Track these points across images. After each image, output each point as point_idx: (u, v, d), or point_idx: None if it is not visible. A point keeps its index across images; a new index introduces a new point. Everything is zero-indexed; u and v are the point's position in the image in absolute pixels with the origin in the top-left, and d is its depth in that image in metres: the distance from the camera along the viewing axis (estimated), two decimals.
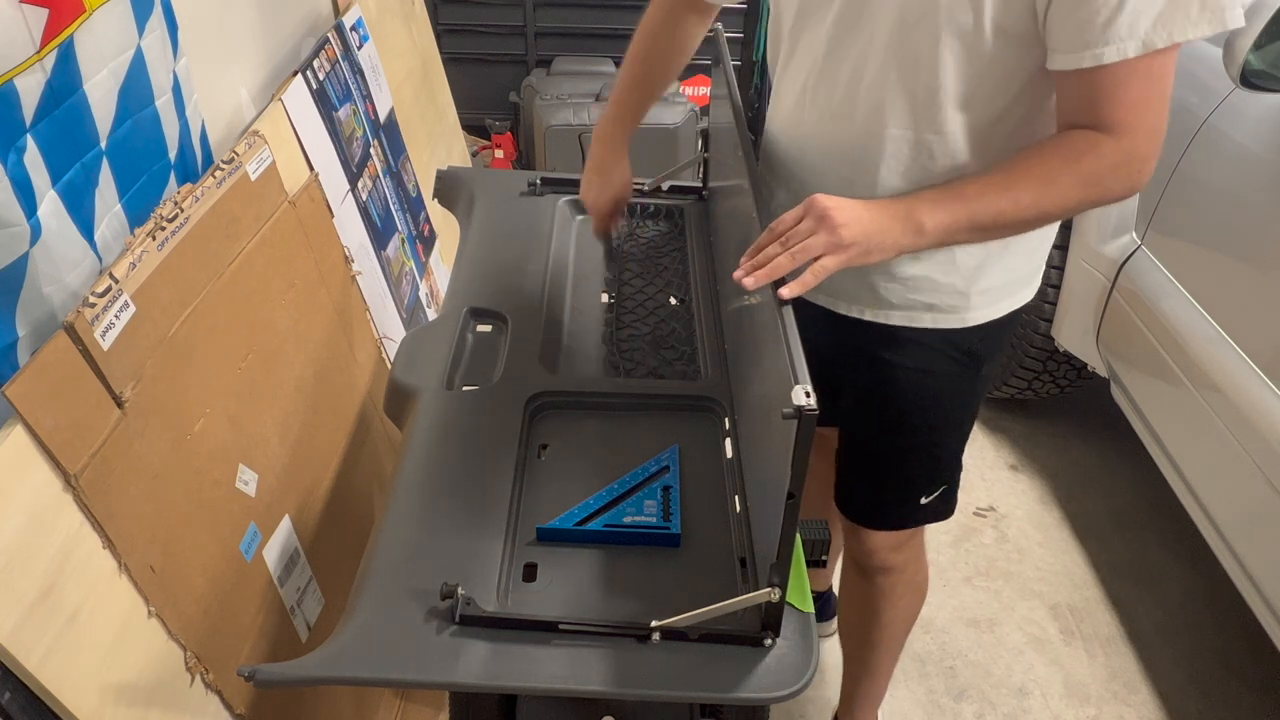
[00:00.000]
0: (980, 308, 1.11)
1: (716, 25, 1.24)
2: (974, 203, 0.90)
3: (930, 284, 1.08)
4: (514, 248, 1.24)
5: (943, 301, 1.09)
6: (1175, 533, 2.11)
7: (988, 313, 1.12)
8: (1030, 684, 1.82)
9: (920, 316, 1.11)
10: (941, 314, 1.10)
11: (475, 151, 3.08)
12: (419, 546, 0.84)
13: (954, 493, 1.29)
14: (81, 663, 0.82)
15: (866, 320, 1.12)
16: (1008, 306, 1.14)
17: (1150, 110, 0.87)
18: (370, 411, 1.51)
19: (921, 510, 1.27)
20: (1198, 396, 1.75)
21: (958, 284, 1.08)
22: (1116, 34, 0.83)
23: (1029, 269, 1.14)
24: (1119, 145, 0.87)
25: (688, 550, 0.87)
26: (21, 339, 0.84)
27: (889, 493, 1.27)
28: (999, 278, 1.09)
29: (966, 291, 1.09)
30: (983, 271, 1.08)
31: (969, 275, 1.08)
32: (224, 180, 1.12)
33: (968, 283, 1.08)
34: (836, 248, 0.86)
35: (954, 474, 1.27)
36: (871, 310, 1.12)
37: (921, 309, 1.10)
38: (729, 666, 0.76)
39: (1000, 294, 1.12)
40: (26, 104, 0.81)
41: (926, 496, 1.26)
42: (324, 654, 0.74)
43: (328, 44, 1.56)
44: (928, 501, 1.26)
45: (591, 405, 1.03)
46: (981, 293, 1.10)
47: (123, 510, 0.89)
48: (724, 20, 3.13)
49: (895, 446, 1.23)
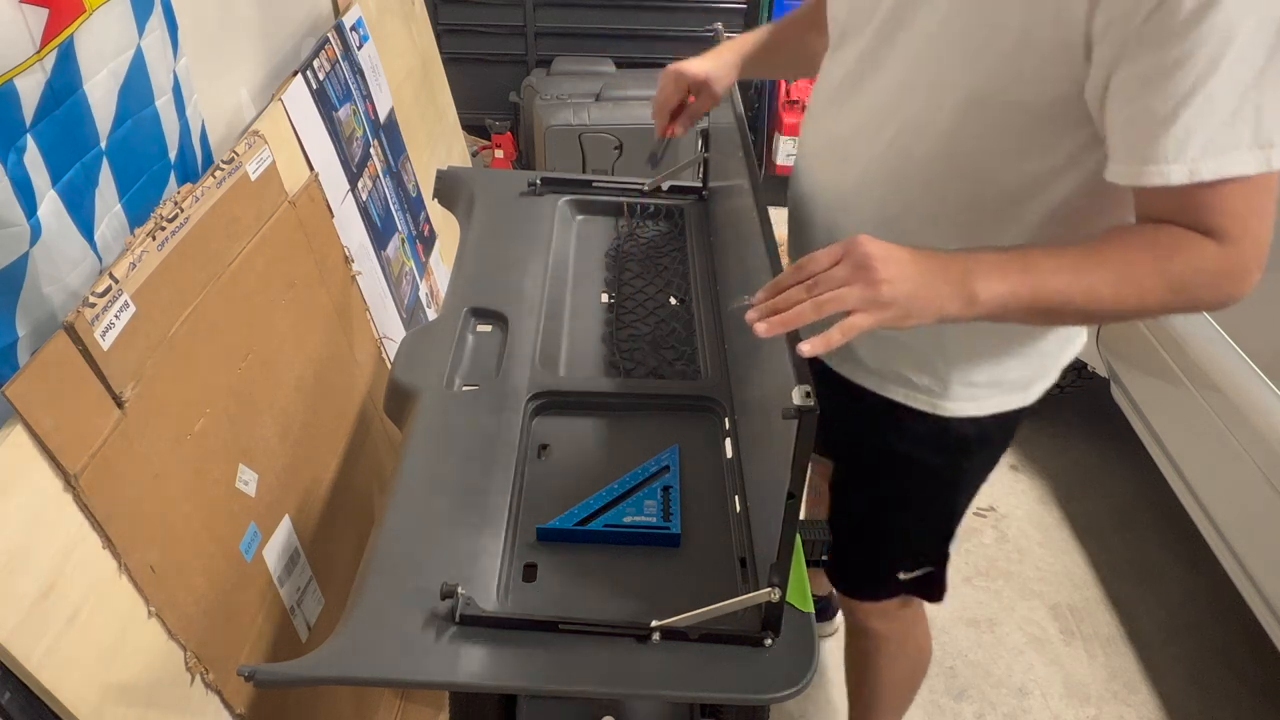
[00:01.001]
0: (961, 400, 1.01)
1: (716, 25, 1.24)
2: (1043, 278, 0.77)
3: (909, 355, 0.99)
4: (514, 248, 1.24)
5: (919, 380, 1.00)
6: (1175, 533, 2.11)
7: (969, 407, 1.01)
8: (1030, 684, 1.82)
9: (891, 388, 1.02)
10: (916, 393, 1.02)
11: (475, 151, 3.08)
12: (419, 546, 0.84)
13: (941, 577, 1.20)
14: (81, 663, 0.82)
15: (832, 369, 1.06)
16: (995, 407, 1.02)
17: (1259, 219, 0.75)
18: (370, 411, 1.51)
19: (900, 585, 1.20)
20: (1198, 396, 1.75)
21: (938, 366, 0.98)
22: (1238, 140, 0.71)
23: (1029, 373, 1.02)
24: (1222, 253, 0.75)
25: (688, 550, 0.87)
26: (21, 339, 0.84)
27: (860, 559, 1.21)
28: (988, 374, 0.99)
29: (945, 378, 0.99)
30: (971, 362, 0.98)
31: (952, 360, 0.98)
32: (224, 180, 1.12)
33: (948, 367, 0.98)
34: (872, 305, 0.73)
35: (937, 557, 1.18)
36: (837, 361, 1.05)
37: (894, 380, 1.02)
38: (729, 666, 0.76)
39: (988, 390, 1.01)
40: (26, 104, 0.81)
41: (905, 573, 1.19)
42: (324, 654, 0.74)
43: (328, 44, 1.56)
44: (908, 578, 1.19)
45: (591, 405, 1.03)
46: (965, 384, 0.99)
47: (123, 510, 0.89)
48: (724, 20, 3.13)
49: (864, 513, 1.17)
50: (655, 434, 0.99)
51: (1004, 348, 0.98)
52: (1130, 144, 0.74)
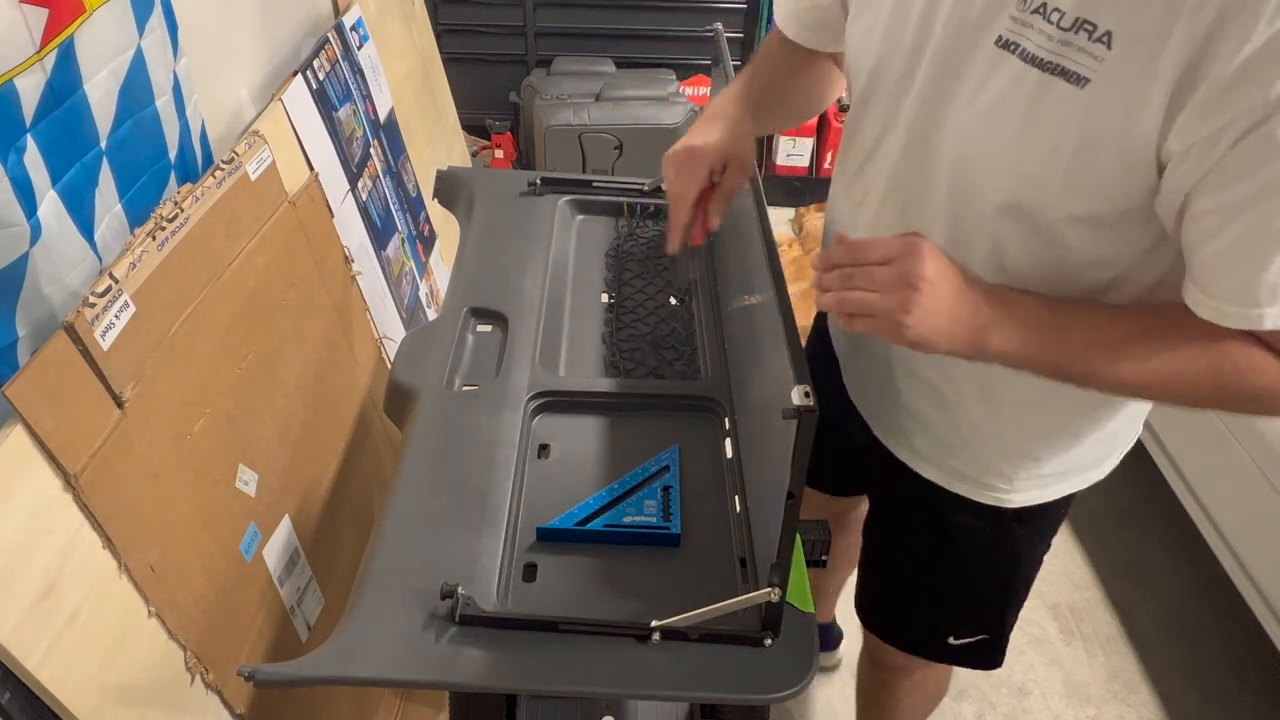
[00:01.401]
0: (1027, 490, 0.96)
1: (716, 25, 1.24)
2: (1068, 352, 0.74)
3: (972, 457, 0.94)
4: (514, 248, 1.24)
5: (983, 479, 0.96)
6: (1175, 533, 2.11)
7: (1035, 496, 0.97)
8: (1030, 684, 1.82)
9: (953, 482, 0.98)
10: (980, 489, 0.97)
11: (475, 151, 3.08)
12: (419, 546, 0.84)
13: (999, 645, 1.12)
14: (81, 663, 0.82)
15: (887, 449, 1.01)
16: (1063, 491, 0.98)
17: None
18: (370, 411, 1.51)
19: (951, 651, 1.13)
20: None
21: (1003, 468, 0.94)
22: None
23: (1099, 453, 0.96)
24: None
25: (688, 550, 0.87)
26: (21, 339, 0.84)
27: (912, 620, 1.16)
28: (1055, 465, 0.94)
29: (1011, 476, 0.95)
30: (1036, 460, 0.93)
31: (1016, 462, 0.93)
32: (224, 180, 1.12)
33: (1014, 468, 0.94)
34: (895, 329, 0.72)
35: (997, 625, 1.11)
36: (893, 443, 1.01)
37: (956, 476, 0.97)
38: (729, 666, 0.76)
39: (1056, 479, 0.96)
40: (26, 104, 0.81)
41: (958, 639, 1.12)
42: (324, 654, 0.74)
43: (328, 44, 1.56)
44: (960, 644, 1.12)
45: (591, 405, 1.03)
46: (1033, 477, 0.95)
47: (123, 510, 0.89)
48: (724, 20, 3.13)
49: (906, 571, 1.12)
50: (655, 434, 0.99)
51: (1070, 441, 0.92)
52: (1214, 279, 0.68)
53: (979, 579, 1.08)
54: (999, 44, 0.73)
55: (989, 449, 0.94)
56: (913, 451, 1.01)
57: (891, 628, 1.20)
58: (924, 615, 1.15)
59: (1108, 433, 0.93)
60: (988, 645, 1.13)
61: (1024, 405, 0.90)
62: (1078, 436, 0.92)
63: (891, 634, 1.20)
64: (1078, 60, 0.68)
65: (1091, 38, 0.67)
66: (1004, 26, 0.72)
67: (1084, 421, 0.91)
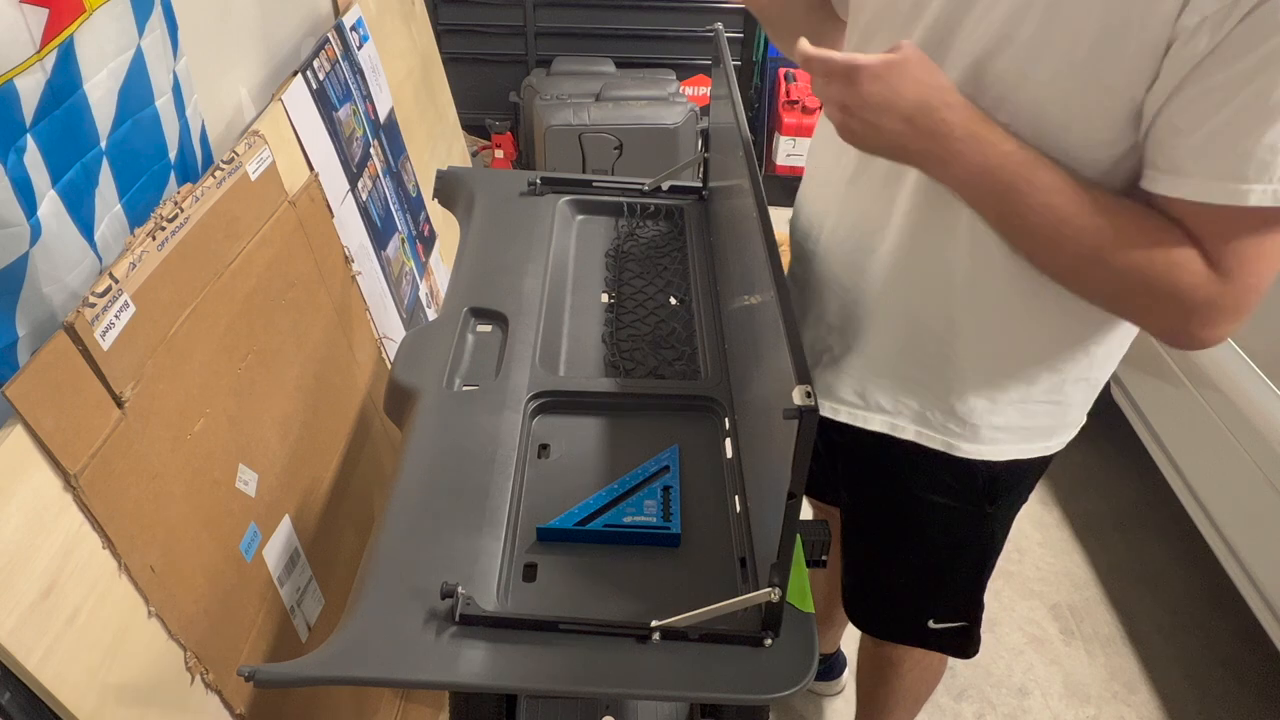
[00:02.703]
0: (979, 442, 0.99)
1: (716, 25, 1.24)
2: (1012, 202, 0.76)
3: (925, 392, 0.98)
4: (514, 248, 1.24)
5: (934, 416, 0.98)
6: (1175, 533, 2.11)
7: (987, 451, 0.99)
8: (1030, 684, 1.82)
9: (905, 426, 1.01)
10: (931, 431, 1.00)
11: (475, 151, 3.08)
12: (419, 546, 0.84)
13: (974, 631, 1.18)
14: (81, 663, 0.82)
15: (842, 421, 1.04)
16: (1016, 453, 1.00)
17: (1266, 266, 0.72)
18: (370, 411, 1.51)
19: (932, 635, 1.17)
20: (1198, 396, 1.75)
21: (954, 404, 0.97)
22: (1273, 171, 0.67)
23: (1052, 421, 0.99)
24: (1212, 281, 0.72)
25: (688, 550, 0.87)
26: (21, 339, 0.84)
27: (893, 607, 1.19)
28: (1006, 417, 0.97)
29: (963, 417, 0.97)
30: (991, 404, 0.96)
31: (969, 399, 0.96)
32: (224, 180, 1.12)
33: (966, 407, 0.96)
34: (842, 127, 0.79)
35: (971, 610, 1.16)
36: (849, 411, 1.03)
37: (909, 418, 1.00)
38: (729, 666, 0.76)
39: (1007, 435, 0.98)
40: (26, 104, 0.81)
41: (937, 622, 1.16)
42: (324, 654, 0.74)
43: (328, 44, 1.56)
44: (939, 628, 1.16)
45: (591, 405, 1.03)
46: (986, 427, 0.97)
47: (123, 510, 0.89)
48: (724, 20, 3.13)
49: (895, 560, 1.14)
50: (655, 434, 0.99)
51: (1024, 388, 0.95)
52: (1200, 158, 0.69)
53: (951, 560, 1.11)
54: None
55: (944, 377, 0.96)
56: (869, 409, 1.02)
57: (873, 618, 1.23)
58: (901, 600, 1.18)
59: (1061, 395, 0.96)
60: (966, 632, 1.18)
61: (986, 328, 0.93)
62: (1031, 383, 0.94)
63: (874, 624, 1.24)
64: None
65: None
66: None
67: (1040, 367, 0.94)
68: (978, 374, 0.95)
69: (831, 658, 1.79)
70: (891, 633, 1.23)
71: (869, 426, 1.03)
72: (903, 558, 1.14)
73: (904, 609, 1.19)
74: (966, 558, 1.12)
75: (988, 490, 1.03)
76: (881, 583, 1.19)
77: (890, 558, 1.15)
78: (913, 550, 1.12)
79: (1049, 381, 0.95)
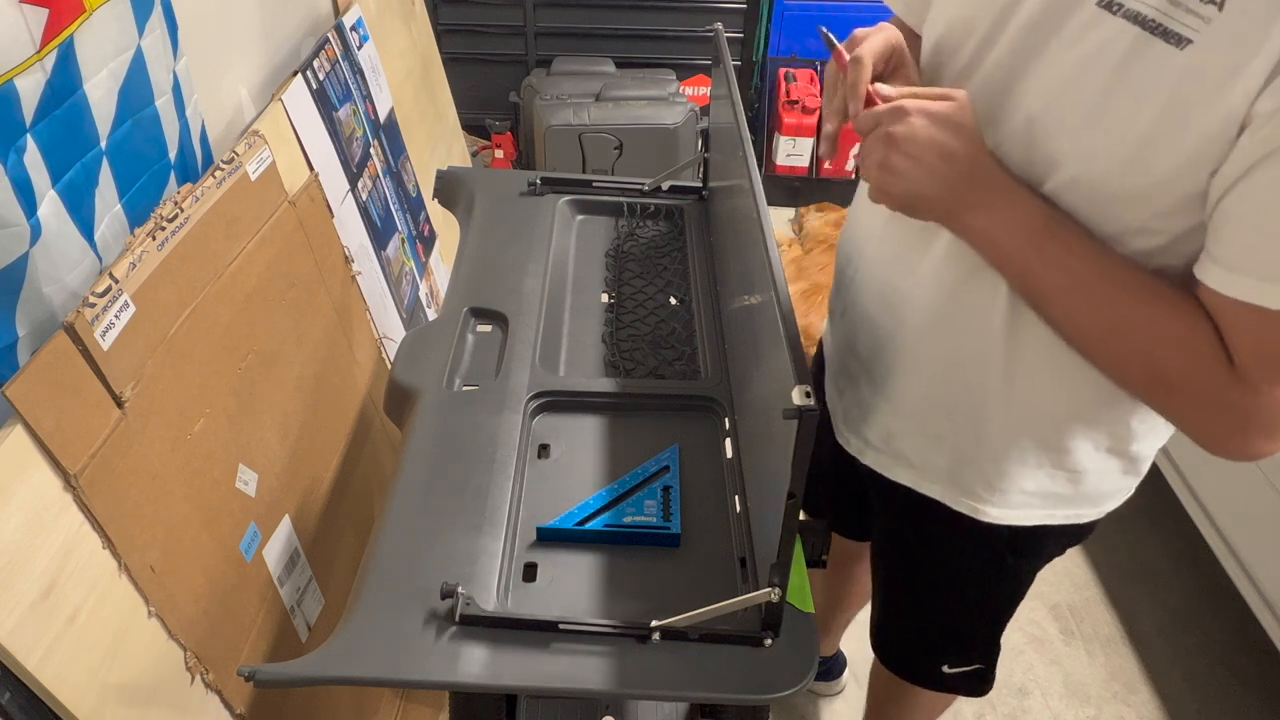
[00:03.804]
0: (1005, 507, 0.94)
1: (716, 25, 1.24)
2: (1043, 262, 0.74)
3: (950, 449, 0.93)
4: (514, 248, 1.24)
5: (960, 475, 0.94)
6: (1175, 533, 2.11)
7: (1011, 516, 0.95)
8: (1030, 684, 1.82)
9: (928, 485, 0.97)
10: (956, 493, 0.96)
11: (475, 151, 3.08)
12: (419, 546, 0.84)
13: (989, 674, 1.17)
14: (81, 663, 0.82)
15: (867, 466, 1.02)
16: (1044, 519, 0.95)
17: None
18: (370, 411, 1.51)
19: (945, 679, 1.16)
20: None
21: (984, 463, 0.92)
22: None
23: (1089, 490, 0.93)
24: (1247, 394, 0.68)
25: (688, 550, 0.87)
26: (21, 339, 0.84)
27: (909, 648, 1.19)
28: (1038, 483, 0.92)
29: (990, 480, 0.93)
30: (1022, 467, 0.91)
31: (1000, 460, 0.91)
32: (224, 180, 1.12)
33: (997, 466, 0.91)
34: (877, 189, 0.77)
35: (988, 655, 1.15)
36: (875, 455, 1.01)
37: (933, 477, 0.97)
38: (729, 666, 0.76)
39: (1039, 500, 0.94)
40: (26, 104, 0.81)
41: (951, 667, 1.15)
42: (324, 654, 0.74)
43: (328, 44, 1.56)
44: (953, 673, 1.15)
45: (591, 405, 1.03)
46: (1015, 491, 0.93)
47: (123, 510, 0.89)
48: (724, 20, 3.13)
49: (915, 603, 1.13)
50: (655, 434, 0.99)
51: (1059, 459, 0.90)
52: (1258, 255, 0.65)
53: (970, 607, 1.10)
54: (1100, 4, 0.70)
55: (974, 436, 0.92)
56: (892, 453, 1.00)
57: (891, 655, 1.23)
58: (917, 643, 1.18)
59: (1099, 464, 0.91)
60: (981, 676, 1.17)
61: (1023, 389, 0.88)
62: (1066, 451, 0.90)
63: (891, 661, 1.24)
64: (1183, 21, 0.65)
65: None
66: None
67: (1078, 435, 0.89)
68: (1010, 436, 0.90)
69: (831, 658, 1.79)
70: (906, 673, 1.22)
71: (893, 477, 1.01)
72: (922, 601, 1.13)
73: (920, 652, 1.18)
74: (986, 607, 1.10)
75: (1011, 544, 0.99)
76: (901, 624, 1.19)
77: (910, 600, 1.14)
78: (932, 594, 1.10)
79: (1086, 450, 0.90)
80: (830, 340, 1.13)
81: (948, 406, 0.92)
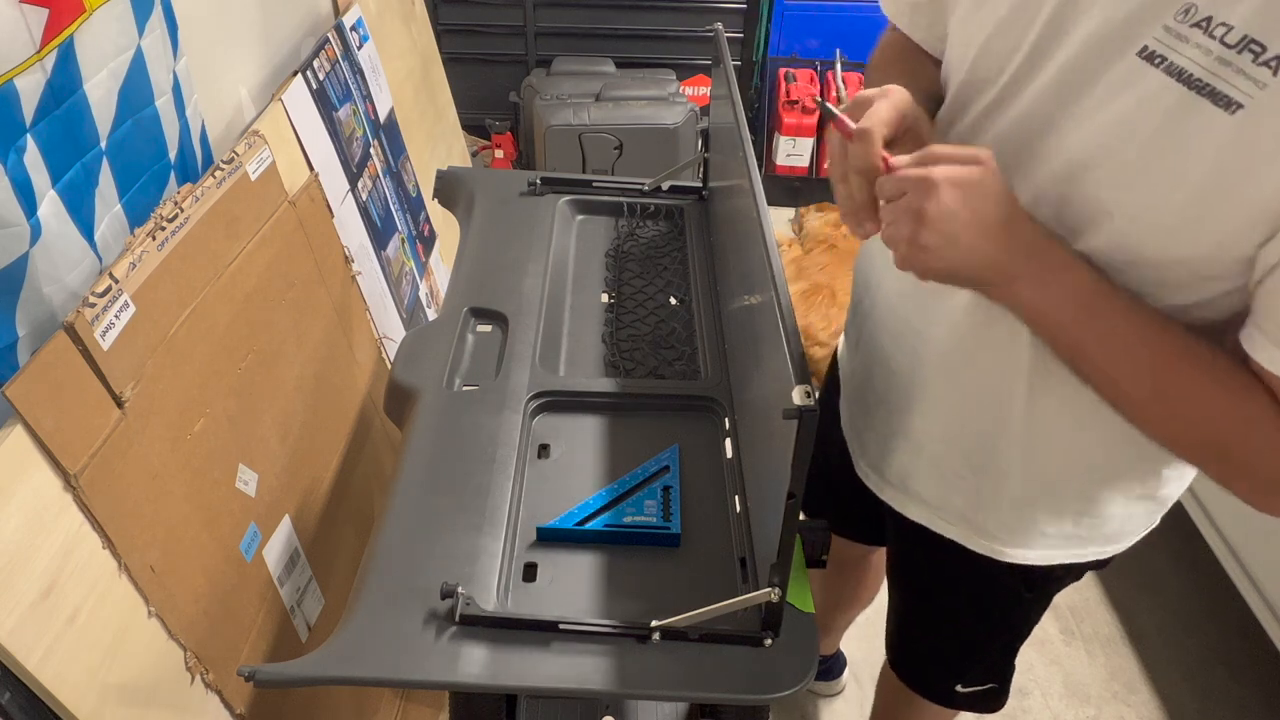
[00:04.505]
0: (1023, 547, 0.92)
1: (716, 25, 1.24)
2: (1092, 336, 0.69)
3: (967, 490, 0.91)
4: (514, 248, 1.24)
5: (976, 518, 0.92)
6: (1175, 533, 2.11)
7: (1031, 555, 0.93)
8: (1030, 684, 1.82)
9: (944, 525, 0.96)
10: (973, 534, 0.94)
11: (475, 151, 3.08)
12: (419, 546, 0.84)
13: (1003, 692, 1.16)
14: (81, 663, 0.82)
15: None
16: (1064, 558, 0.93)
17: None
18: (370, 411, 1.51)
19: (960, 698, 1.15)
20: None
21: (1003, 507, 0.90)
22: None
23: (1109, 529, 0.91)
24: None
25: (688, 550, 0.87)
26: (21, 339, 0.84)
27: (926, 662, 1.19)
28: (1058, 526, 0.90)
29: (1008, 522, 0.91)
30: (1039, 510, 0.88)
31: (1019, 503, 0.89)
32: (224, 180, 1.12)
33: (1015, 510, 0.89)
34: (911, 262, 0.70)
35: (1003, 674, 1.14)
36: (892, 492, 1.00)
37: (950, 519, 0.95)
38: (729, 666, 0.76)
39: (1058, 542, 0.92)
40: (26, 104, 0.82)
41: (965, 686, 1.14)
42: (324, 654, 0.74)
43: (328, 44, 1.56)
44: (966, 691, 1.14)
45: (591, 405, 1.03)
46: (1034, 533, 0.91)
47: (123, 510, 0.89)
48: (724, 20, 3.13)
49: (928, 623, 1.13)
50: (655, 434, 0.99)
51: (1082, 505, 0.88)
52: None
53: (983, 632, 1.09)
54: (1142, 54, 0.65)
55: (992, 479, 0.90)
56: (906, 492, 0.98)
57: (905, 667, 1.23)
58: (931, 662, 1.17)
59: (1123, 508, 0.89)
60: (995, 694, 1.16)
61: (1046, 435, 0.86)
62: (1091, 498, 0.88)
63: (905, 673, 1.23)
64: (1234, 83, 0.60)
65: (1258, 60, 0.59)
66: (1153, 36, 0.65)
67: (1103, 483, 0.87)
68: (1033, 484, 0.88)
69: (831, 658, 1.79)
70: (918, 687, 1.22)
71: (909, 515, 0.99)
72: (935, 625, 1.12)
73: (934, 670, 1.18)
74: (1001, 632, 1.09)
75: (1027, 579, 0.98)
76: (915, 641, 1.18)
77: (925, 622, 1.14)
78: (946, 620, 1.10)
79: (1114, 499, 0.88)
80: (846, 364, 1.12)
81: (966, 450, 0.90)
